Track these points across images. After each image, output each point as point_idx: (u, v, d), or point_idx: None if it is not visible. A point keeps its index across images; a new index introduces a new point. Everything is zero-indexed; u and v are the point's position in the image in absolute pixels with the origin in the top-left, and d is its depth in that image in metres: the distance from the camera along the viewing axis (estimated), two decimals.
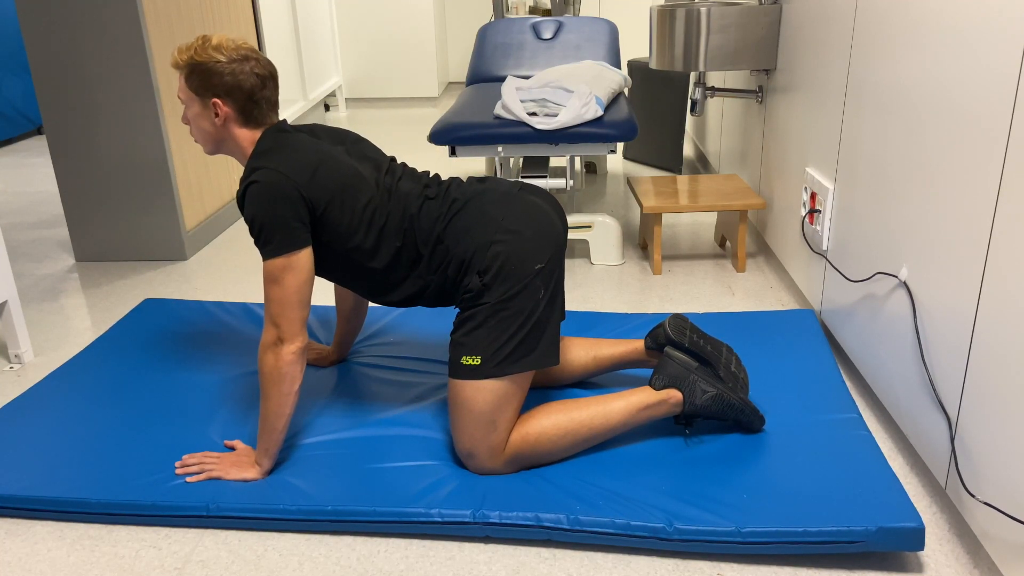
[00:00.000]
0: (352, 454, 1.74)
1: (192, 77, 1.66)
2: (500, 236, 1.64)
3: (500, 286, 1.62)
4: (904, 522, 1.42)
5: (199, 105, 1.68)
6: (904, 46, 1.70)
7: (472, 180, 1.78)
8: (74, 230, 3.01)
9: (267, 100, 1.70)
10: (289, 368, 1.60)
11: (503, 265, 1.62)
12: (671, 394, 1.70)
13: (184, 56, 1.67)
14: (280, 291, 1.59)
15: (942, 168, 1.53)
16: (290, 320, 1.59)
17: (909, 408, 1.69)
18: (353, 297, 2.06)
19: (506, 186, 1.75)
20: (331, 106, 5.87)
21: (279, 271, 1.58)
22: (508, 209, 1.68)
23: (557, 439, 1.65)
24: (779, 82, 2.66)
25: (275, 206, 1.57)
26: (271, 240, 1.58)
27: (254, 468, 1.67)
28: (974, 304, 1.42)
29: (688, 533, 1.47)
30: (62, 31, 2.76)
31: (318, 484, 1.64)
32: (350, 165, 1.68)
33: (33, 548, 1.57)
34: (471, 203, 1.69)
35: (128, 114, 2.85)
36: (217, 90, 1.65)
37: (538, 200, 1.73)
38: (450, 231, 1.67)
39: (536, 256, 1.64)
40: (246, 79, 1.66)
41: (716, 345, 1.79)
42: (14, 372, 2.25)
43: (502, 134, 2.58)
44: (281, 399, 1.62)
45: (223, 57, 1.65)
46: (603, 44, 3.41)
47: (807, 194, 2.31)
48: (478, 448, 1.63)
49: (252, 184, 1.60)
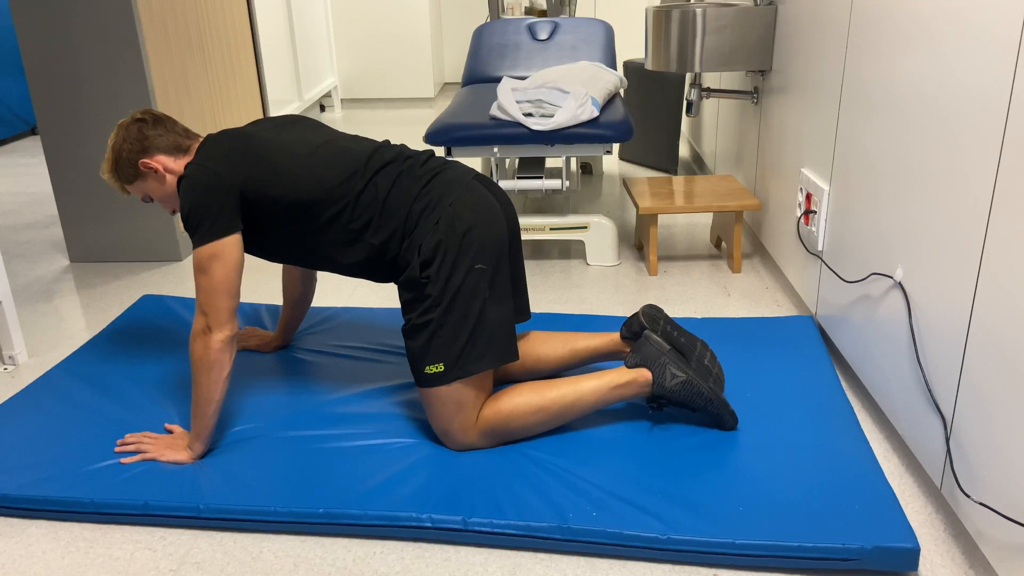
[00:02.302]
0: (335, 438, 1.76)
1: (120, 175, 1.80)
2: (446, 231, 1.67)
3: (441, 280, 1.65)
4: (900, 542, 1.41)
5: (142, 181, 1.80)
6: (899, 47, 1.70)
7: (436, 158, 1.84)
8: (68, 231, 3.00)
9: (169, 127, 1.80)
10: (217, 356, 1.65)
11: (444, 261, 1.65)
12: (641, 373, 1.74)
13: (106, 175, 1.82)
14: (207, 280, 1.64)
15: (937, 169, 1.53)
16: (217, 309, 1.64)
17: (904, 408, 1.70)
18: (301, 285, 2.15)
19: (460, 171, 1.79)
20: (327, 106, 5.87)
21: (206, 260, 1.64)
22: (461, 201, 1.71)
23: (529, 414, 1.71)
24: (774, 83, 2.67)
25: (200, 196, 1.66)
26: (198, 229, 1.65)
27: (186, 451, 1.72)
28: (969, 304, 1.42)
29: (682, 543, 1.46)
30: (56, 32, 2.75)
31: (307, 481, 1.64)
32: (283, 140, 1.76)
33: (27, 550, 1.56)
34: (434, 182, 1.74)
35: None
36: (133, 159, 1.77)
37: (491, 196, 1.76)
38: (415, 207, 1.71)
39: (479, 253, 1.67)
40: (135, 131, 1.77)
41: (691, 338, 1.83)
42: (8, 373, 2.24)
43: (498, 135, 2.58)
44: (210, 386, 1.67)
45: (112, 145, 1.78)
46: (599, 45, 3.41)
47: (802, 195, 2.31)
48: (451, 427, 1.70)
49: (181, 179, 1.70)
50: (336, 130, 1.88)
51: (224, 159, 1.70)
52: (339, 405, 1.93)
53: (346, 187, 1.71)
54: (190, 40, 3.12)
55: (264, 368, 2.11)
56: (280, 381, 2.04)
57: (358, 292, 2.69)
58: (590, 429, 1.81)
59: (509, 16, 4.82)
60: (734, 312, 2.47)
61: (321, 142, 1.78)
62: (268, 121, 1.86)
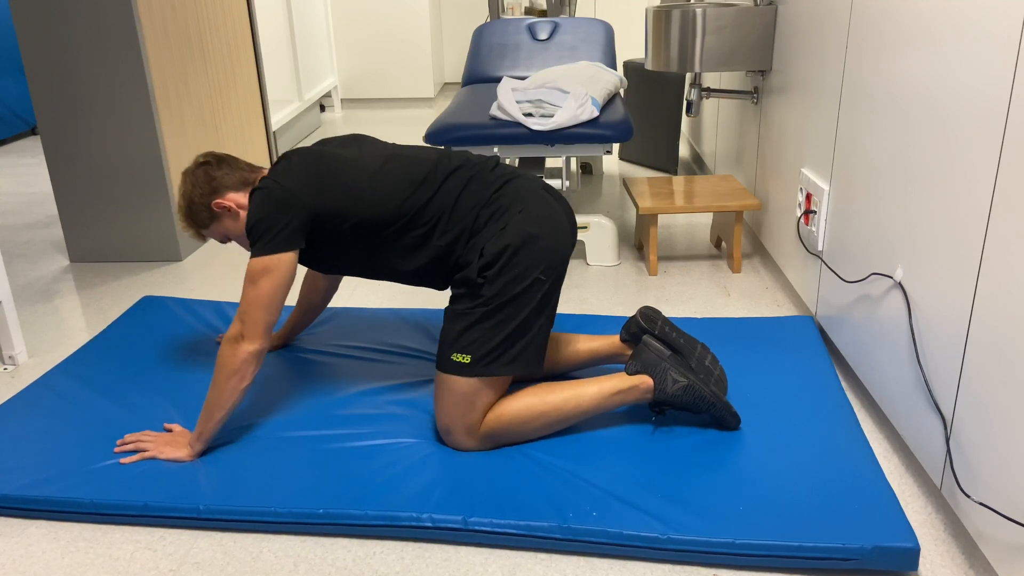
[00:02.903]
0: (335, 438, 1.76)
1: (195, 221, 1.83)
2: (513, 236, 1.68)
3: (498, 283, 1.65)
4: (900, 542, 1.41)
5: (218, 222, 1.83)
6: (899, 47, 1.70)
7: (503, 165, 1.85)
8: (68, 231, 3.00)
9: (233, 164, 1.83)
10: (242, 365, 1.66)
11: (505, 266, 1.66)
12: (642, 380, 1.75)
13: (182, 224, 1.86)
14: (254, 292, 1.66)
15: (937, 169, 1.53)
16: (255, 321, 1.66)
17: (904, 408, 1.70)
18: (324, 293, 2.16)
19: (531, 180, 1.80)
20: (327, 107, 5.87)
21: (258, 272, 1.66)
22: (530, 208, 1.72)
23: (530, 420, 1.72)
24: (775, 83, 2.67)
25: (269, 209, 1.67)
26: (259, 240, 1.66)
27: (185, 449, 1.73)
28: (969, 304, 1.42)
29: (682, 543, 1.46)
30: (57, 31, 2.75)
31: (308, 481, 1.64)
32: (351, 156, 1.77)
33: (27, 550, 1.56)
34: (506, 188, 1.76)
35: (123, 114, 2.84)
36: (206, 202, 1.80)
37: (557, 207, 1.78)
38: (484, 211, 1.73)
39: (541, 265, 1.69)
40: (202, 175, 1.80)
41: (690, 340, 1.84)
42: (8, 373, 2.24)
43: (498, 135, 2.58)
44: (227, 392, 1.68)
45: (182, 193, 1.82)
46: (599, 45, 3.41)
47: (802, 195, 2.31)
48: (455, 426, 1.70)
49: (255, 192, 1.71)
50: (397, 144, 1.89)
51: (297, 177, 1.71)
52: (339, 405, 1.92)
53: (416, 197, 1.72)
54: (190, 40, 3.12)
55: (264, 368, 2.11)
56: (280, 381, 2.04)
57: (358, 292, 2.70)
58: (590, 429, 1.81)
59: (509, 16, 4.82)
60: (734, 312, 2.47)
61: (388, 155, 1.79)
62: (334, 140, 1.87)
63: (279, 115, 4.48)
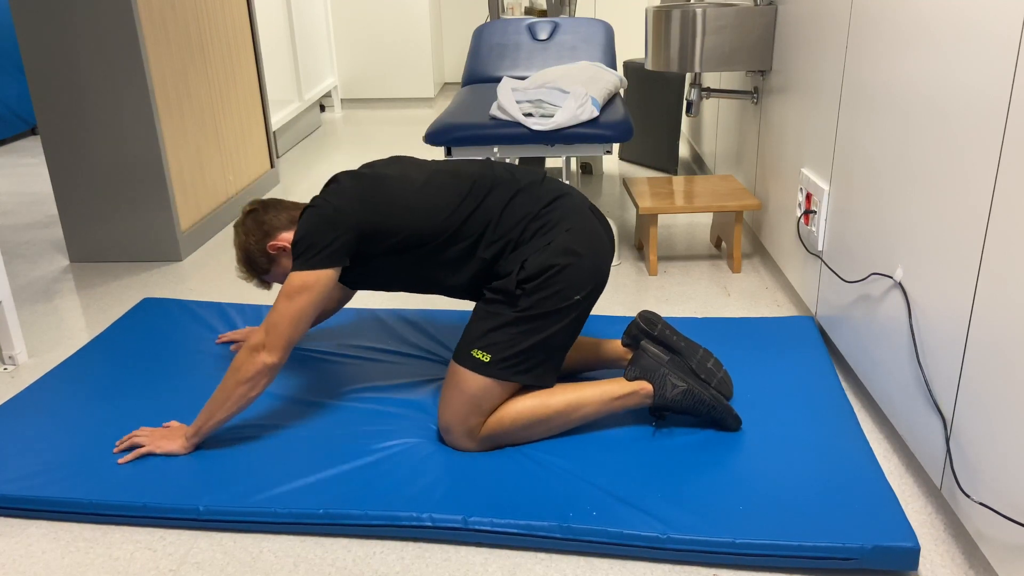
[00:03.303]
0: (335, 438, 1.76)
1: (256, 269, 1.87)
2: (558, 255, 1.68)
3: (535, 297, 1.67)
4: (900, 541, 1.41)
5: (275, 265, 1.85)
6: (899, 47, 1.70)
7: (552, 179, 1.85)
8: (68, 231, 3.00)
9: (279, 206, 1.87)
10: (256, 375, 1.67)
11: (545, 283, 1.67)
12: (642, 386, 1.76)
13: (243, 275, 1.90)
14: (287, 306, 1.66)
15: (937, 168, 1.53)
16: (280, 335, 1.66)
17: (904, 408, 1.70)
18: (336, 304, 2.16)
19: (580, 199, 1.80)
20: (327, 106, 5.87)
21: (296, 287, 1.66)
22: (577, 227, 1.73)
23: (531, 424, 1.72)
24: (774, 83, 2.67)
25: (316, 226, 1.68)
26: (303, 255, 1.67)
27: (180, 441, 1.74)
28: (969, 304, 1.42)
29: (682, 543, 1.46)
30: (57, 31, 2.75)
31: (309, 480, 1.64)
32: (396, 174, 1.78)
33: (27, 550, 1.56)
34: (556, 204, 1.75)
35: (123, 115, 2.84)
36: (261, 247, 1.83)
37: (601, 229, 1.78)
38: (532, 224, 1.73)
39: (581, 286, 1.70)
40: (252, 222, 1.84)
41: (691, 343, 1.85)
42: (8, 373, 2.24)
43: (498, 135, 2.58)
44: (234, 397, 1.68)
45: (238, 245, 1.86)
46: (599, 45, 3.41)
47: (802, 195, 2.31)
48: (456, 426, 1.70)
49: (305, 210, 1.73)
50: (438, 160, 1.90)
51: (346, 197, 1.71)
52: (339, 405, 1.92)
53: (461, 209, 1.72)
54: (190, 40, 3.12)
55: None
56: (280, 381, 2.04)
57: (358, 292, 2.69)
58: (590, 430, 1.81)
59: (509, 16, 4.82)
60: (734, 312, 2.47)
61: (432, 170, 1.80)
62: (378, 162, 1.87)
63: (279, 115, 4.48)
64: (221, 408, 1.69)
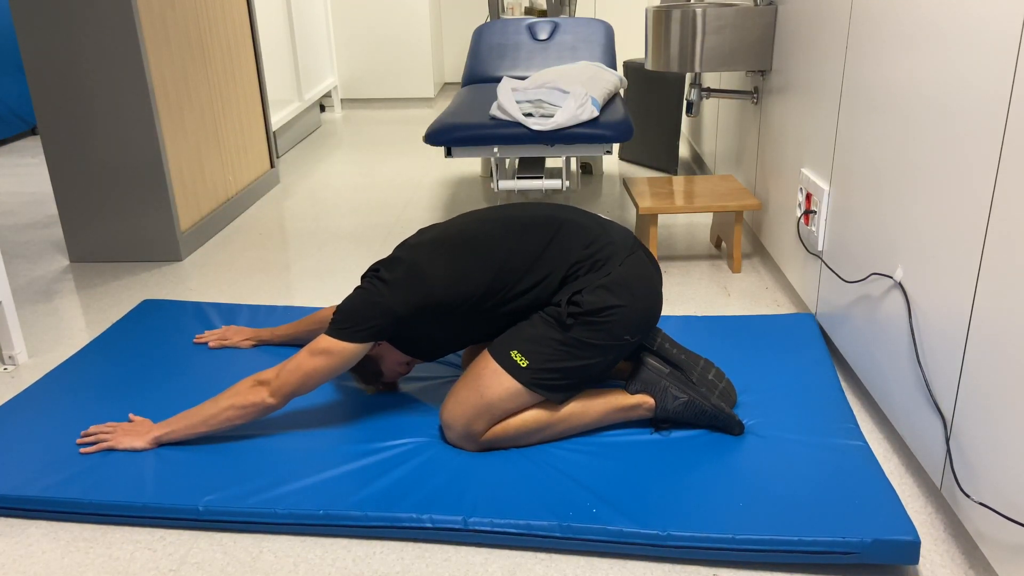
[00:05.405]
0: (335, 438, 1.75)
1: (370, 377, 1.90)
2: (616, 296, 1.69)
3: (587, 329, 1.68)
4: (899, 535, 1.42)
5: (383, 360, 1.86)
6: (899, 47, 1.70)
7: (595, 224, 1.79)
8: (68, 231, 3.00)
9: None
10: (250, 408, 1.70)
11: (598, 322, 1.68)
12: (644, 399, 1.77)
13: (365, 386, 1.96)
14: (306, 362, 1.68)
15: (937, 168, 1.53)
16: (287, 384, 1.69)
17: (904, 408, 1.70)
18: None
19: (626, 235, 1.79)
20: (326, 107, 5.87)
21: (321, 349, 1.68)
22: (632, 269, 1.73)
23: (533, 431, 1.73)
24: (775, 83, 2.67)
25: (360, 304, 1.69)
26: (339, 323, 1.69)
27: (144, 438, 1.75)
28: (969, 304, 1.42)
29: (682, 540, 1.46)
30: (57, 31, 2.75)
31: (309, 480, 1.64)
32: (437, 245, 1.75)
33: (27, 550, 1.56)
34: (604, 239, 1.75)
35: (123, 114, 2.84)
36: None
37: (652, 271, 1.78)
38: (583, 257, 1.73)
39: (634, 329, 1.71)
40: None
41: (691, 355, 1.86)
42: (8, 373, 2.24)
43: (498, 135, 2.58)
44: (222, 415, 1.71)
45: None
46: (599, 45, 3.41)
47: (802, 195, 2.31)
48: (459, 426, 1.70)
49: (356, 289, 1.74)
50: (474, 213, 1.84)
51: (393, 284, 1.70)
52: (339, 405, 1.93)
53: (505, 273, 1.70)
54: (190, 40, 3.12)
55: (263, 369, 2.11)
56: None
57: None
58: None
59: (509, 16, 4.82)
60: (734, 312, 2.47)
61: (467, 235, 1.76)
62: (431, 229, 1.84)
63: (279, 115, 4.48)
64: (204, 423, 1.72)
